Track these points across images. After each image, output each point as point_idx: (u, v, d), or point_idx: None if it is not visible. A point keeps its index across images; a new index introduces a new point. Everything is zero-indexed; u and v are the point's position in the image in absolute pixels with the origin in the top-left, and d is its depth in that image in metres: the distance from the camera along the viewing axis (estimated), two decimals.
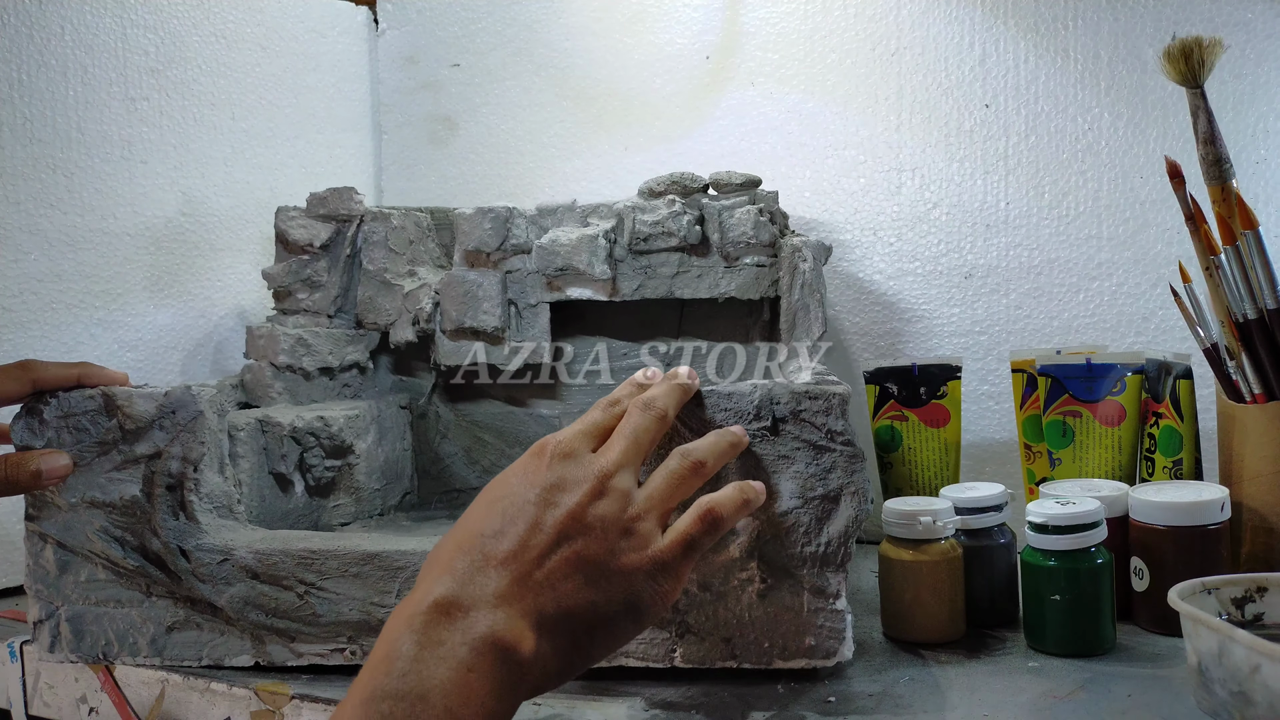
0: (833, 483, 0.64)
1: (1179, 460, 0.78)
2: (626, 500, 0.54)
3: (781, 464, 0.64)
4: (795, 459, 0.64)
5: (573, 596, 0.51)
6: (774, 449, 0.64)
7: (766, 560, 0.64)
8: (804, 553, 0.64)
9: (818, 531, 0.64)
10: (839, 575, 0.64)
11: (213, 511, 0.71)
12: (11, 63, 0.90)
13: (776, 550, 0.64)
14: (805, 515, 0.64)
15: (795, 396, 0.64)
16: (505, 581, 0.50)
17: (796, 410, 0.64)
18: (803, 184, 1.05)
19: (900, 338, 1.02)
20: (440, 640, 0.47)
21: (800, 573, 0.64)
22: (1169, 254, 0.93)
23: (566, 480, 0.54)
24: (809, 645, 0.64)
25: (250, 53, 1.10)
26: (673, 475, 0.57)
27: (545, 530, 0.52)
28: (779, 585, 0.64)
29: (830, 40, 1.04)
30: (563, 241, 0.90)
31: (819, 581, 0.64)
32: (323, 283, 0.95)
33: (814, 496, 0.64)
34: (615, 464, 0.55)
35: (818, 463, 0.64)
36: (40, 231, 0.92)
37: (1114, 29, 0.95)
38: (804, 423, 0.64)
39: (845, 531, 0.64)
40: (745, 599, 0.65)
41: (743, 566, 0.64)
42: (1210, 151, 0.71)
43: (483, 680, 0.47)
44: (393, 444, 0.93)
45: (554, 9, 1.15)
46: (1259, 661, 0.50)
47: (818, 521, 0.64)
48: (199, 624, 0.71)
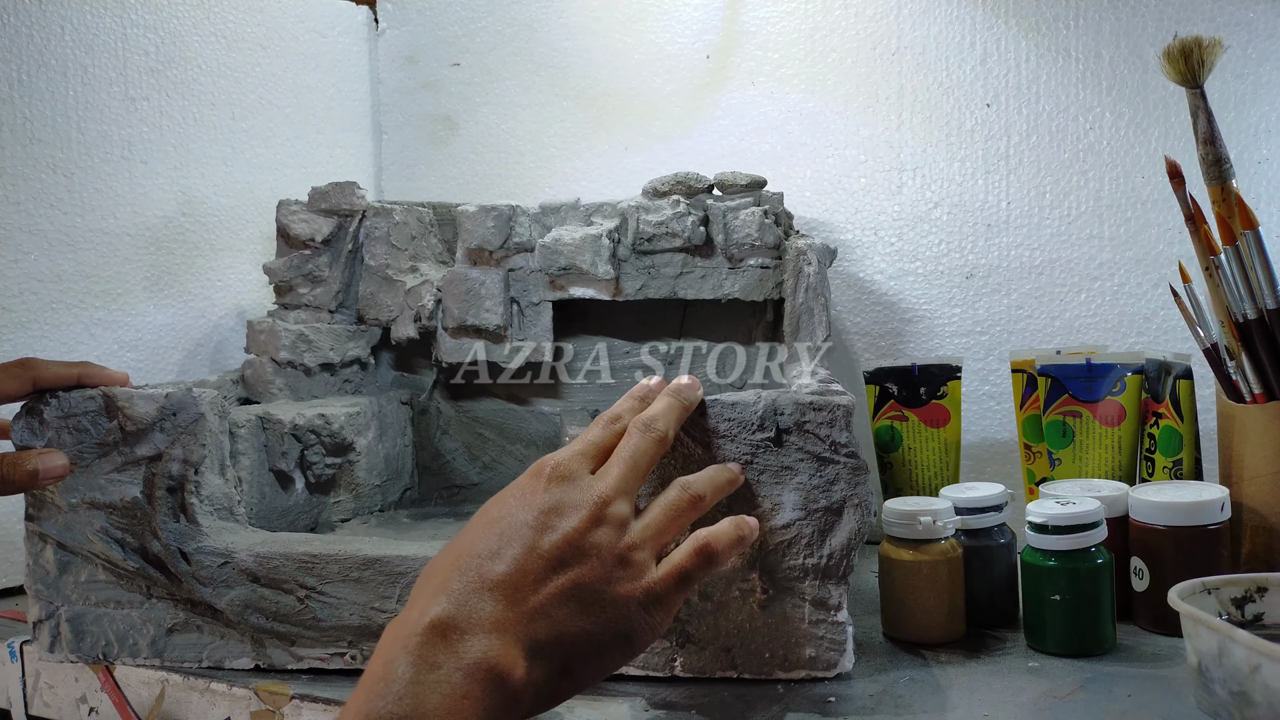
0: (836, 495, 0.64)
1: (1179, 460, 0.78)
2: (623, 528, 0.54)
3: (784, 475, 0.64)
4: (798, 470, 0.64)
5: (566, 623, 0.51)
6: (777, 460, 0.63)
7: (768, 571, 0.64)
8: (806, 565, 0.64)
9: (820, 544, 0.64)
10: (840, 588, 0.64)
11: (213, 514, 0.71)
12: (11, 63, 0.90)
13: (778, 562, 0.64)
14: (808, 527, 0.64)
15: (799, 408, 0.63)
16: (500, 606, 0.50)
17: (800, 421, 0.63)
18: (803, 184, 1.05)
19: (901, 338, 1.02)
20: (436, 664, 0.48)
21: (801, 585, 0.64)
22: (1170, 254, 0.93)
23: (564, 504, 0.54)
24: (809, 656, 0.64)
25: (250, 53, 1.10)
26: (671, 507, 0.57)
27: (541, 554, 0.52)
28: (780, 596, 0.64)
29: (831, 39, 1.04)
30: (566, 240, 0.90)
31: (820, 593, 0.64)
32: (324, 278, 0.95)
33: (816, 509, 0.64)
34: (613, 490, 0.55)
35: (821, 474, 0.63)
36: (40, 231, 0.92)
37: (1115, 28, 0.95)
38: (808, 434, 0.63)
39: (847, 544, 0.63)
40: (746, 609, 0.64)
41: (744, 577, 0.64)
42: (1210, 151, 0.71)
43: (475, 706, 0.47)
44: (393, 440, 0.93)
45: (554, 8, 1.15)
46: (1259, 661, 0.50)
47: (820, 534, 0.64)
48: (199, 626, 0.71)
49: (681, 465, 0.64)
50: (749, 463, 0.63)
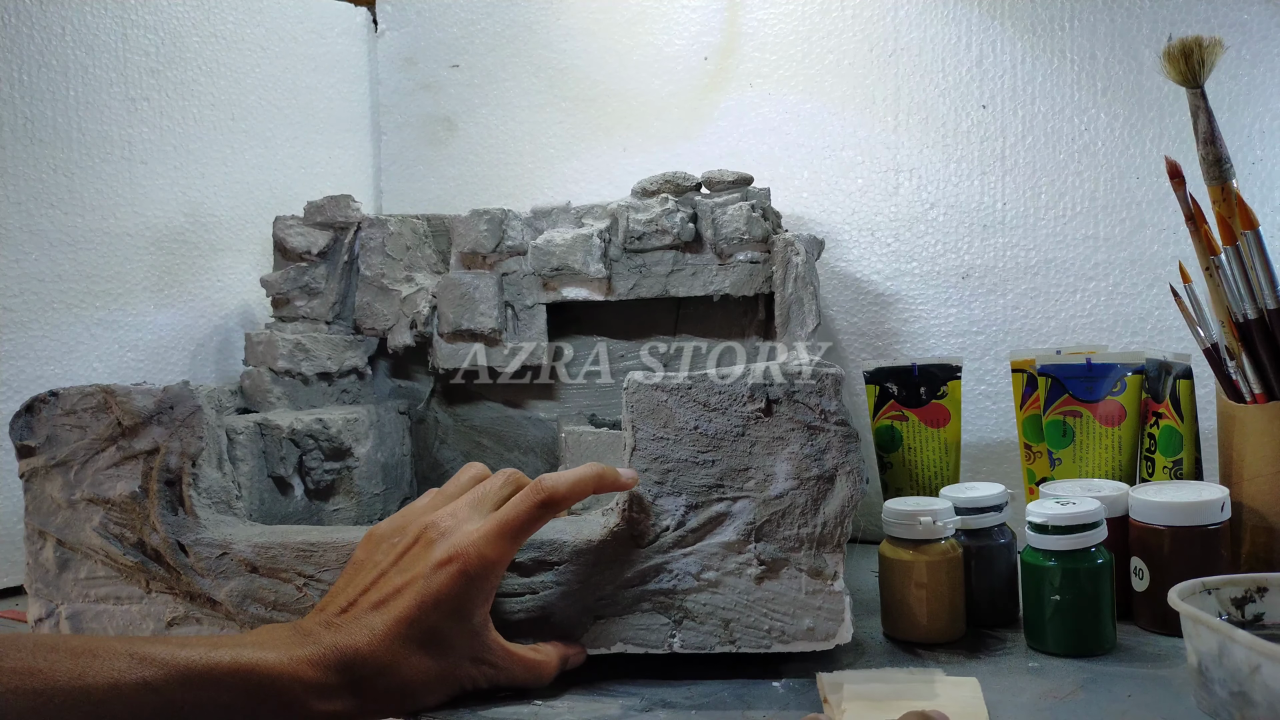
0: (828, 463, 0.64)
1: (1179, 460, 0.78)
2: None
3: (776, 446, 0.64)
4: (789, 440, 0.64)
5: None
6: (768, 431, 0.64)
7: (763, 543, 0.64)
8: (800, 534, 0.64)
9: (814, 512, 0.64)
10: (836, 556, 0.64)
11: (211, 506, 0.72)
12: (12, 63, 0.90)
13: (773, 532, 0.64)
14: (801, 496, 0.64)
15: (789, 377, 0.64)
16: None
17: (790, 391, 0.64)
18: (800, 185, 1.05)
19: (898, 338, 1.02)
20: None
21: (797, 554, 0.64)
22: (1166, 254, 0.94)
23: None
24: (808, 628, 0.64)
25: (250, 53, 1.10)
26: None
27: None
28: (776, 568, 0.64)
29: (828, 41, 1.04)
30: (557, 241, 0.91)
31: (816, 563, 0.64)
32: (321, 289, 0.95)
33: (809, 477, 0.64)
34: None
35: (812, 443, 0.64)
36: (40, 231, 0.92)
37: (1110, 30, 0.95)
38: (798, 404, 0.64)
39: (841, 511, 0.64)
40: (743, 583, 0.65)
41: (739, 550, 0.65)
42: (1210, 151, 0.71)
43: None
44: (392, 448, 0.93)
45: (553, 10, 1.15)
46: (1259, 661, 0.50)
47: (813, 502, 0.64)
48: (199, 619, 0.71)
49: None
50: (741, 435, 0.64)
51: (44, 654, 0.51)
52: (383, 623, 0.58)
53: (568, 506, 0.64)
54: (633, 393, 0.66)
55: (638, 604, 0.65)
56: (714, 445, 0.65)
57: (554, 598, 0.65)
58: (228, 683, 0.54)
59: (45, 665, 0.51)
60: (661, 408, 0.65)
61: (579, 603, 0.65)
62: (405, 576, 0.60)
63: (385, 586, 0.60)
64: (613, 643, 0.65)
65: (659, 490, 0.65)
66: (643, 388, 0.66)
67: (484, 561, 0.60)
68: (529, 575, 0.66)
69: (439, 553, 0.60)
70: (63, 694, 0.51)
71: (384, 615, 0.58)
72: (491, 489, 0.65)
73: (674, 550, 0.65)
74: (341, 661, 0.57)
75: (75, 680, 0.51)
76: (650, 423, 0.66)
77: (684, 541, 0.65)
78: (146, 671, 0.53)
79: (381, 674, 0.57)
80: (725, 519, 0.65)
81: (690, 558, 0.65)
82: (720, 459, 0.65)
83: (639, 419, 0.66)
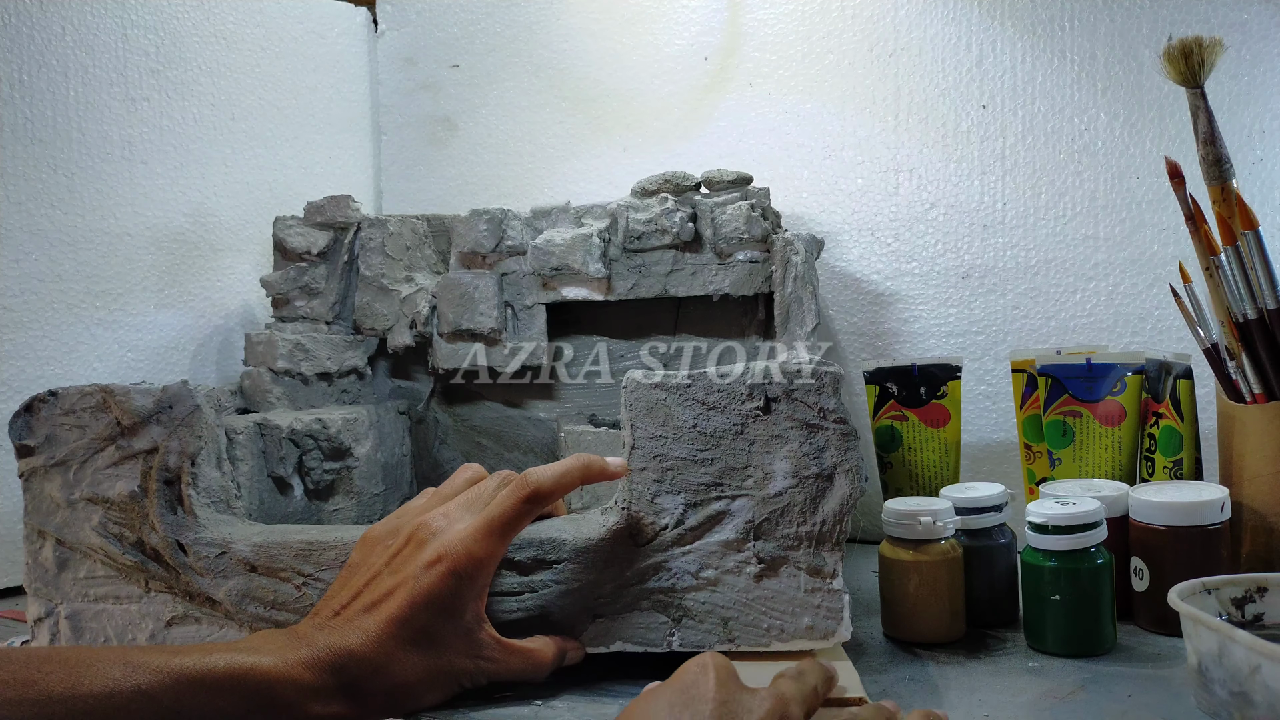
0: (826, 461, 0.64)
1: (1179, 460, 0.78)
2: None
3: (775, 444, 0.64)
4: (788, 439, 0.64)
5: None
6: (767, 429, 0.64)
7: (762, 541, 0.64)
8: (799, 532, 0.64)
9: (813, 511, 0.64)
10: (835, 554, 0.64)
11: (210, 505, 0.72)
12: (12, 63, 0.90)
13: (772, 530, 0.64)
14: (800, 494, 0.64)
15: (788, 375, 0.64)
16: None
17: (789, 390, 0.64)
18: (801, 185, 1.05)
19: (898, 338, 1.02)
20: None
21: (796, 553, 0.64)
22: (1166, 254, 0.94)
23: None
24: (807, 626, 0.64)
25: (250, 54, 1.10)
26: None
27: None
28: (775, 566, 0.64)
29: (828, 41, 1.04)
30: (557, 241, 0.91)
31: (815, 561, 0.64)
32: (321, 289, 0.95)
33: (808, 475, 0.64)
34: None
35: (811, 441, 0.64)
36: (41, 231, 0.92)
37: (1110, 30, 0.95)
38: (796, 402, 0.64)
39: (840, 510, 0.64)
40: (742, 581, 0.65)
41: (738, 548, 0.64)
42: (1210, 151, 0.71)
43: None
44: (392, 449, 0.93)
45: (553, 10, 1.15)
46: (1259, 661, 0.50)
47: (812, 500, 0.64)
48: (198, 618, 0.71)
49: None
50: (740, 433, 0.64)
51: (37, 665, 0.51)
52: (375, 624, 0.58)
53: (555, 500, 0.64)
54: (631, 391, 0.66)
55: (637, 603, 0.65)
56: (713, 444, 0.65)
57: (553, 596, 0.65)
58: (223, 687, 0.54)
59: (39, 676, 0.51)
60: (660, 406, 0.65)
61: (578, 602, 0.65)
62: (397, 578, 0.60)
63: (378, 588, 0.60)
64: (612, 641, 0.65)
65: (658, 489, 0.65)
66: (641, 386, 0.66)
67: (472, 559, 0.60)
68: (528, 574, 0.66)
69: (428, 553, 0.60)
70: (58, 704, 0.50)
71: (376, 616, 0.59)
72: (486, 490, 0.65)
73: (673, 549, 0.65)
74: (336, 663, 0.57)
75: (70, 690, 0.51)
76: (649, 421, 0.65)
77: (683, 540, 0.65)
78: (141, 678, 0.52)
79: (376, 674, 0.57)
80: (724, 517, 0.65)
81: (689, 556, 0.65)
82: (719, 457, 0.65)
83: (638, 418, 0.66)
